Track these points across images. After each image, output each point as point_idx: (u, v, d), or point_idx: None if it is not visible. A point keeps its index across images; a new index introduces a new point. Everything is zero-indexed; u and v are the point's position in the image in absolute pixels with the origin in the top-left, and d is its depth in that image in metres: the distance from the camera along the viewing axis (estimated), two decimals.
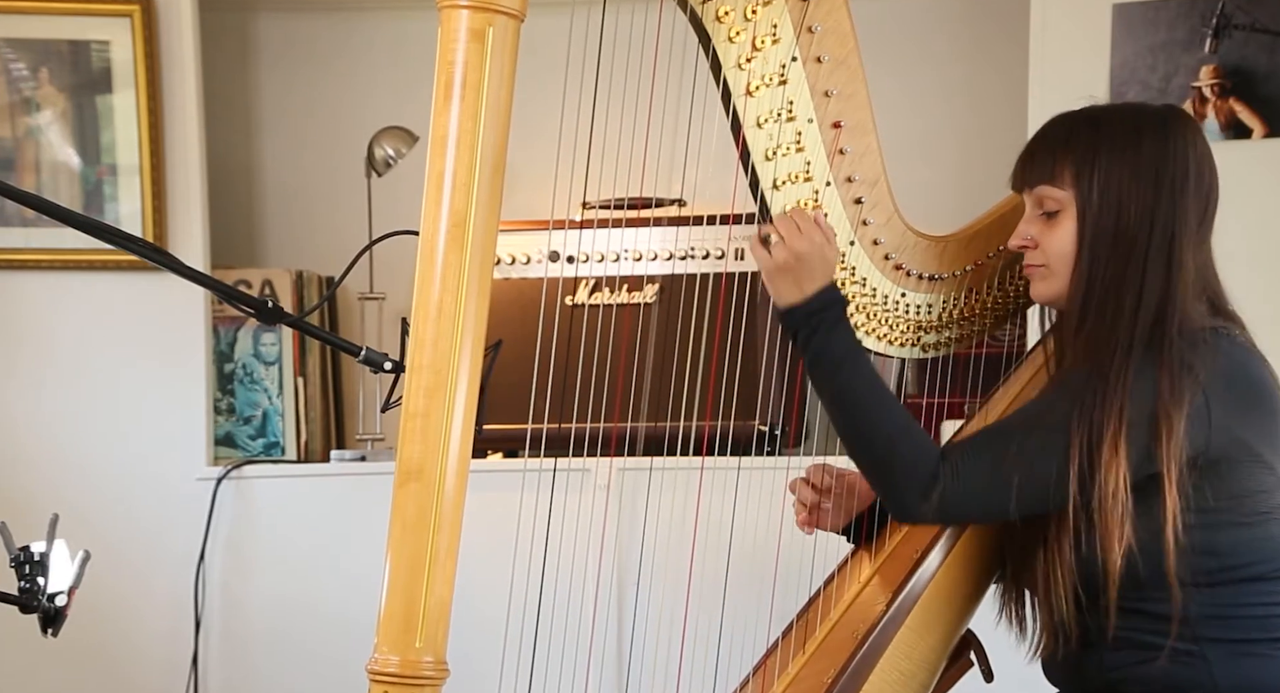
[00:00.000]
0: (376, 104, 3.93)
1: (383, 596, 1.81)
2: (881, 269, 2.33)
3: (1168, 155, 2.12)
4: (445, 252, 1.82)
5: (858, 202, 2.29)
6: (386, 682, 1.80)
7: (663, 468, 2.86)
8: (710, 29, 2.15)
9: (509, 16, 1.82)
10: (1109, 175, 2.12)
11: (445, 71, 1.82)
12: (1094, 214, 2.12)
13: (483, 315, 1.84)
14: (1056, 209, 2.16)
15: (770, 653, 2.32)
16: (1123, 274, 2.10)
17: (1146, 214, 2.11)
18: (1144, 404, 2.05)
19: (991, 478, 2.10)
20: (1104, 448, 2.04)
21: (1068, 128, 2.18)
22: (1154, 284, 2.10)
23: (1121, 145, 2.13)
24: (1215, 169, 2.17)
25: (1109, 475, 2.04)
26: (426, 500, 1.81)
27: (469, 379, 1.83)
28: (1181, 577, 2.08)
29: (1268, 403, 2.12)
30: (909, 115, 3.79)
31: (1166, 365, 2.05)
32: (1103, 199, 2.12)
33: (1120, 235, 2.11)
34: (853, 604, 2.30)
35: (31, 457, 3.65)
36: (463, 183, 1.82)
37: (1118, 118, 2.18)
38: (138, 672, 3.66)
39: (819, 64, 2.21)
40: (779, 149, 2.22)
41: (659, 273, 3.52)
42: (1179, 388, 2.04)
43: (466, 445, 1.84)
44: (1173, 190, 2.11)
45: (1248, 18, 3.40)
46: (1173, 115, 2.19)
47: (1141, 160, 2.12)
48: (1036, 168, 2.18)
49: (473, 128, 1.82)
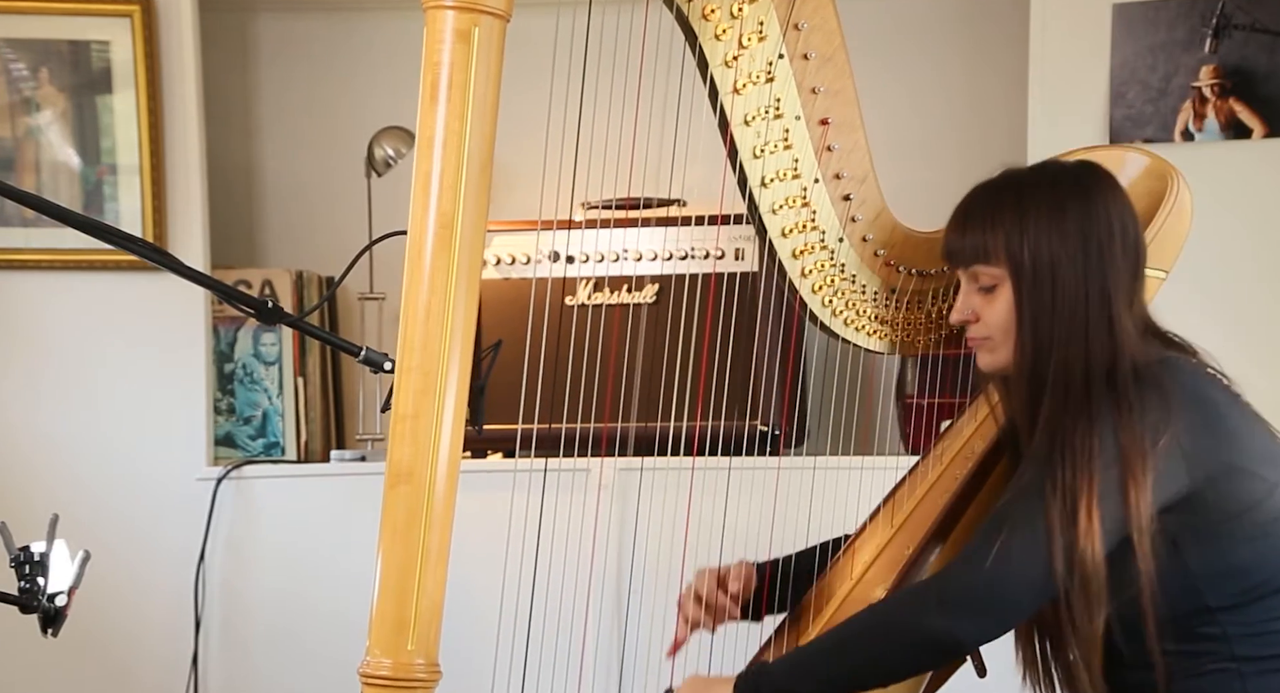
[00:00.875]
0: (376, 104, 3.92)
1: (374, 598, 1.81)
2: (871, 266, 2.33)
3: (1092, 217, 2.13)
4: (433, 253, 1.82)
5: (846, 198, 2.29)
6: (379, 685, 1.80)
7: (661, 468, 2.86)
8: (696, 27, 2.15)
9: (494, 17, 1.82)
10: (1039, 246, 2.12)
11: (431, 72, 1.82)
12: (1029, 286, 2.13)
13: (472, 317, 1.84)
14: (993, 284, 2.17)
15: (764, 651, 2.32)
16: (1066, 340, 2.11)
17: (1080, 279, 2.11)
18: (1110, 468, 2.04)
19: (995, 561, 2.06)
20: (1079, 523, 2.03)
21: (991, 203, 2.17)
22: (1099, 346, 2.10)
23: (1047, 214, 2.13)
24: (1137, 220, 2.18)
25: (1088, 551, 2.02)
26: (417, 503, 1.81)
27: (458, 381, 1.82)
28: (1210, 602, 2.09)
29: (1230, 416, 2.13)
30: (909, 115, 3.80)
31: (1129, 419, 2.05)
32: (1036, 271, 2.12)
33: (1058, 303, 2.12)
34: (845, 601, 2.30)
35: (31, 457, 3.65)
36: (450, 184, 1.82)
37: (1038, 185, 2.17)
38: (138, 671, 3.66)
39: (806, 61, 2.21)
40: (767, 146, 2.23)
41: (658, 273, 3.52)
42: (1139, 430, 2.04)
43: (457, 447, 1.83)
44: (1101, 251, 2.12)
45: (1248, 18, 3.40)
46: (1089, 174, 2.19)
47: (1067, 226, 2.12)
48: (968, 247, 2.18)
49: (459, 128, 1.81)
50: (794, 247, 2.30)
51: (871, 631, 2.12)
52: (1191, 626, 2.10)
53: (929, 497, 2.35)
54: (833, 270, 2.31)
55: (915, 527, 2.32)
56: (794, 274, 2.31)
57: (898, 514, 2.36)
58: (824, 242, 2.31)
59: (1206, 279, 3.46)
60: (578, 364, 2.85)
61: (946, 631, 2.06)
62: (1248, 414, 2.15)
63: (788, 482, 2.49)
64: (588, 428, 2.78)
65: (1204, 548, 2.08)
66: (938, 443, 2.43)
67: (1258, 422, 2.16)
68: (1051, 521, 2.03)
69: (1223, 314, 3.45)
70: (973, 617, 2.07)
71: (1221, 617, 2.10)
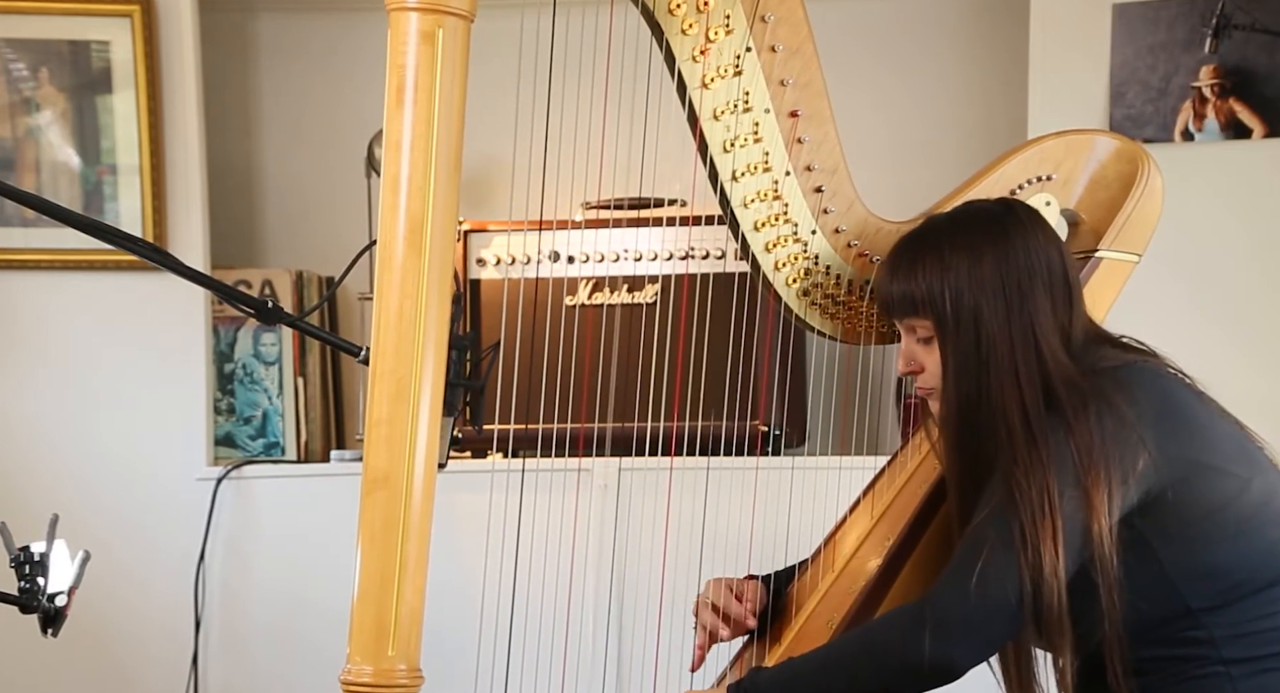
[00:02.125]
0: (376, 104, 3.86)
1: (353, 606, 1.80)
2: (845, 257, 2.33)
3: (1009, 259, 2.14)
4: (404, 256, 1.81)
5: (818, 190, 2.29)
6: (361, 692, 1.79)
7: (662, 468, 2.86)
8: (663, 21, 2.14)
9: (459, 17, 1.81)
10: (959, 296, 2.14)
11: (396, 75, 1.81)
12: (953, 336, 2.15)
13: (444, 319, 1.82)
14: (928, 336, 2.19)
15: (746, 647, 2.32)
16: (999, 387, 2.12)
17: (1004, 326, 2.13)
18: (1069, 494, 2.05)
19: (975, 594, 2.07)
20: (1044, 560, 2.03)
21: (913, 256, 2.19)
22: (1031, 384, 2.11)
23: (965, 262, 2.14)
24: (1062, 250, 2.19)
25: (1053, 585, 2.03)
26: (394, 509, 1.80)
27: (433, 385, 1.81)
28: (1191, 604, 2.09)
29: (1197, 415, 2.13)
30: (909, 115, 3.80)
31: (1076, 431, 2.06)
32: (959, 321, 2.14)
33: (982, 350, 2.13)
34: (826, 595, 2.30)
35: (31, 457, 3.65)
36: (418, 186, 1.80)
37: (955, 233, 2.18)
38: (138, 671, 3.66)
39: (773, 53, 2.21)
40: (737, 140, 2.23)
41: (659, 273, 3.52)
42: (1094, 448, 2.05)
43: (433, 452, 1.82)
44: (1021, 295, 2.13)
45: (1248, 18, 3.40)
46: (1006, 215, 2.19)
47: (984, 273, 2.14)
48: (896, 300, 2.20)
49: (426, 131, 1.80)
50: (767, 240, 2.30)
51: (867, 653, 2.13)
52: (1175, 630, 2.10)
53: (908, 487, 2.36)
54: (807, 262, 2.31)
55: (895, 517, 2.32)
56: (767, 267, 2.31)
57: (878, 504, 2.36)
58: (797, 234, 2.31)
59: (1207, 279, 3.47)
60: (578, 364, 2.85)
61: (942, 655, 2.07)
62: (1214, 412, 2.16)
63: (788, 482, 2.49)
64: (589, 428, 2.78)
65: (1178, 549, 2.08)
66: (916, 432, 2.44)
67: (1225, 418, 2.16)
68: (1019, 553, 2.04)
69: (1223, 314, 3.45)
70: (965, 638, 2.08)
71: (1205, 619, 2.09)
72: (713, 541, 2.51)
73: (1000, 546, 2.05)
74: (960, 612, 2.07)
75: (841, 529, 2.40)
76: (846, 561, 2.34)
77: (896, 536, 2.29)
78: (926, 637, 2.07)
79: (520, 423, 2.86)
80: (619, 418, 2.97)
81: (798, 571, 2.38)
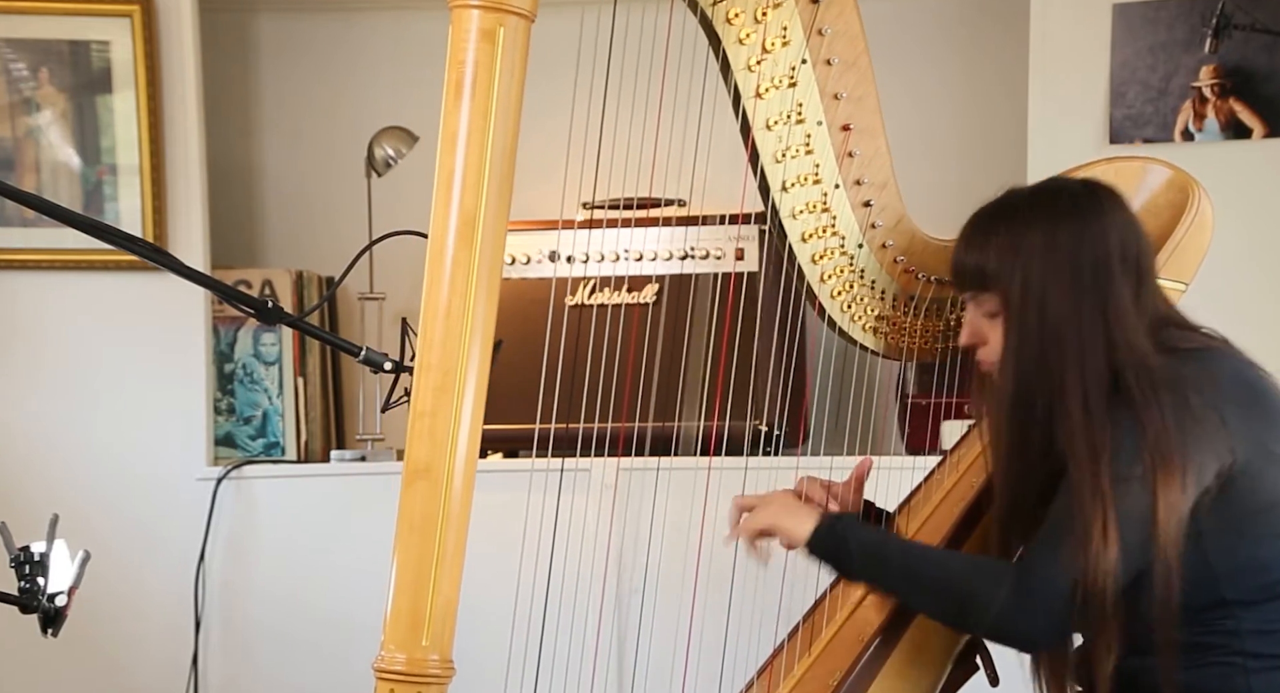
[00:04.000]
0: (376, 104, 3.92)
1: (389, 595, 1.81)
2: (890, 272, 2.33)
3: (1085, 242, 2.12)
4: (454, 251, 1.82)
5: (866, 204, 2.29)
6: (393, 680, 1.81)
7: (663, 468, 2.86)
8: (720, 31, 2.15)
9: (520, 17, 1.82)
10: (1029, 273, 2.12)
11: (456, 71, 1.82)
12: (1018, 314, 2.13)
13: (491, 315, 1.84)
14: (995, 311, 2.17)
15: (775, 655, 2.32)
16: (1060, 367, 2.10)
17: (1073, 308, 2.11)
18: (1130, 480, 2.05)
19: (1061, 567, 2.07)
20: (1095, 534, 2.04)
21: (986, 229, 2.18)
22: (1097, 369, 2.09)
23: (1040, 240, 2.13)
24: (1140, 233, 2.17)
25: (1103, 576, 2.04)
26: (434, 500, 1.81)
27: (477, 378, 1.83)
28: (1227, 596, 2.09)
29: (1270, 403, 2.13)
30: (909, 115, 3.79)
31: (1149, 421, 2.05)
32: (1025, 298, 2.12)
33: (1047, 331, 2.11)
34: (859, 606, 2.30)
35: (31, 457, 3.65)
36: (472, 182, 1.82)
37: (1034, 211, 2.16)
38: (138, 671, 3.66)
39: (829, 66, 2.21)
40: (788, 151, 2.23)
41: (659, 273, 3.52)
42: (1168, 435, 2.04)
43: (474, 445, 1.84)
44: (1095, 278, 2.11)
45: (1248, 18, 3.40)
46: (1088, 195, 2.17)
47: (1060, 253, 2.12)
48: (966, 273, 2.19)
49: (483, 127, 1.82)
50: (813, 251, 2.30)
51: (946, 577, 2.16)
52: (1206, 618, 2.10)
53: (944, 504, 2.35)
54: (852, 275, 2.31)
55: (932, 532, 2.32)
56: (813, 279, 2.32)
57: (913, 521, 2.36)
58: (844, 247, 2.31)
59: (1206, 279, 3.45)
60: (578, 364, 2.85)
61: (1028, 630, 2.11)
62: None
63: (788, 482, 2.48)
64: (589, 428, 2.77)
65: (1229, 541, 2.08)
66: (954, 450, 2.43)
67: None
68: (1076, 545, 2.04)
69: (1223, 314, 3.44)
70: (1050, 618, 2.09)
71: (1238, 611, 2.09)
72: (712, 541, 2.51)
73: (1060, 536, 2.06)
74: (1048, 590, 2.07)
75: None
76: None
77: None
78: (1027, 614, 2.09)
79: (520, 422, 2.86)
80: (619, 418, 2.96)
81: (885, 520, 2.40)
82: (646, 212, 3.39)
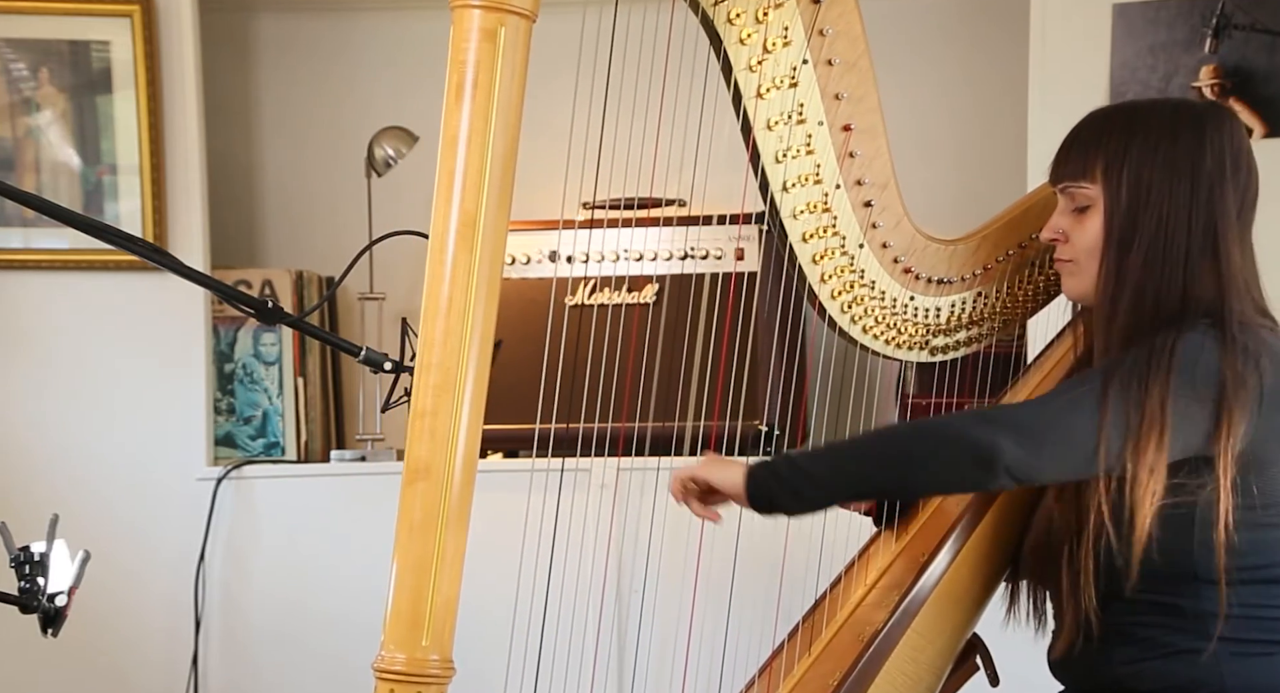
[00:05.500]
0: (376, 104, 3.92)
1: (390, 594, 1.81)
2: (891, 273, 2.33)
3: (1203, 151, 2.10)
4: (455, 251, 1.82)
5: (867, 205, 2.29)
6: (393, 680, 1.81)
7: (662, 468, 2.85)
8: (722, 31, 2.15)
9: (521, 17, 1.82)
10: (1139, 173, 2.10)
11: (457, 71, 1.82)
12: (1121, 212, 2.11)
13: (492, 315, 1.84)
14: (1086, 205, 2.15)
15: (776, 655, 2.32)
16: (1160, 275, 2.09)
17: (1183, 210, 2.09)
18: (1206, 382, 2.01)
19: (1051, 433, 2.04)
20: (1144, 425, 2.00)
21: (1102, 124, 2.17)
22: (1204, 279, 2.08)
23: (1155, 143, 2.11)
24: (1254, 166, 2.16)
25: (1144, 454, 2.00)
26: (434, 500, 1.81)
27: (477, 378, 1.83)
28: (1207, 575, 2.07)
29: None
30: (909, 115, 3.79)
31: (1232, 352, 2.02)
32: (1132, 197, 2.10)
33: (1153, 234, 2.09)
34: (859, 606, 2.30)
35: (31, 457, 3.65)
36: (473, 183, 1.82)
37: (1154, 115, 2.15)
38: (138, 672, 3.66)
39: (830, 67, 2.21)
40: (789, 151, 2.23)
41: (659, 273, 3.52)
42: (1243, 378, 2.01)
43: (474, 444, 1.84)
44: (1210, 184, 2.09)
45: (1248, 18, 3.40)
46: (1212, 112, 2.17)
47: (1175, 158, 2.10)
48: (1069, 164, 2.17)
49: (483, 127, 1.82)
50: (814, 251, 2.30)
51: (906, 431, 2.13)
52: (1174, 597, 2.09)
53: (944, 504, 2.35)
54: (853, 276, 2.31)
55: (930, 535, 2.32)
56: (814, 279, 2.32)
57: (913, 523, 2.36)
58: (844, 247, 2.31)
59: None
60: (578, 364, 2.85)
61: (990, 440, 2.01)
62: None
63: None
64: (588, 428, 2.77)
65: (1213, 522, 2.06)
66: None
67: None
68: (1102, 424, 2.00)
69: None
70: (1019, 438, 2.02)
71: (1204, 591, 2.08)
72: (712, 540, 2.51)
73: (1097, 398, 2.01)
74: (1030, 416, 2.04)
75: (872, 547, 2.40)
76: (880, 574, 2.34)
77: (929, 552, 2.29)
78: (981, 421, 2.05)
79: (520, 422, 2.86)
80: (619, 418, 2.96)
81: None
82: (647, 212, 3.39)
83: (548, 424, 2.61)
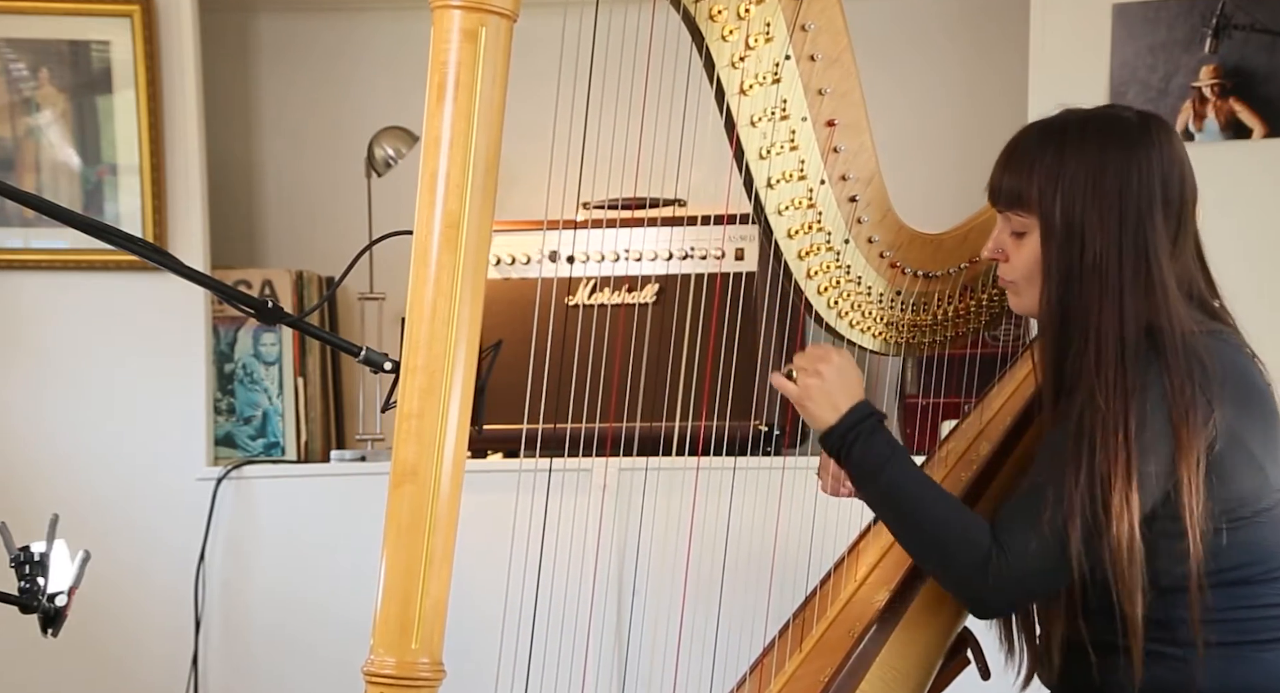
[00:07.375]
0: (376, 104, 3.93)
1: (378, 598, 1.81)
2: (877, 267, 2.33)
3: (1131, 173, 2.10)
4: (439, 253, 1.82)
5: (852, 200, 2.29)
6: (383, 683, 1.80)
7: (661, 468, 2.86)
8: (703, 28, 2.14)
9: (502, 16, 1.82)
10: (1070, 207, 2.11)
11: (438, 72, 1.82)
12: (1058, 243, 2.12)
13: (477, 316, 1.84)
14: (1022, 231, 2.16)
15: (767, 652, 2.32)
16: (1098, 305, 2.09)
17: (1113, 246, 2.09)
18: (1156, 424, 2.03)
19: (1038, 543, 2.06)
20: (1114, 492, 2.02)
21: (1032, 149, 2.16)
22: (1135, 312, 2.08)
23: (1085, 169, 2.11)
24: (1188, 172, 2.16)
25: (1120, 524, 2.02)
26: (422, 502, 1.81)
27: (463, 380, 1.82)
28: (1172, 582, 2.08)
29: (1265, 405, 2.13)
30: (909, 115, 3.80)
31: (1177, 375, 2.04)
32: (1066, 227, 2.11)
33: (1086, 263, 2.10)
34: (850, 602, 2.30)
35: (32, 457, 3.65)
36: (456, 184, 1.82)
37: (1085, 139, 2.14)
38: (138, 671, 3.66)
39: (812, 62, 2.21)
40: (773, 148, 2.22)
41: (658, 273, 3.52)
42: (1187, 397, 2.03)
43: (461, 446, 1.83)
44: (1138, 214, 2.10)
45: (1248, 18, 3.40)
46: (1140, 129, 2.15)
47: (1105, 189, 2.10)
48: (1004, 191, 2.18)
49: (466, 128, 1.81)
50: (800, 248, 2.30)
51: (946, 526, 2.13)
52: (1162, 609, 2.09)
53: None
54: (839, 272, 2.31)
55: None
56: (799, 275, 2.31)
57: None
58: (830, 243, 2.31)
59: None
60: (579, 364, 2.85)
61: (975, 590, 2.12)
62: (1274, 408, 2.14)
63: (788, 482, 2.49)
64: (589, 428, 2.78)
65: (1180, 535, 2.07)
66: (941, 445, 2.44)
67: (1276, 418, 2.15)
68: (1073, 505, 2.02)
69: None
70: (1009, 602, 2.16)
71: (1178, 599, 2.08)
72: (712, 540, 2.51)
73: (1051, 505, 2.04)
74: (1019, 563, 2.06)
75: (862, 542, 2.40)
76: (870, 569, 2.34)
77: None
78: (977, 567, 2.09)
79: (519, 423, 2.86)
80: (619, 418, 2.96)
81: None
82: (646, 212, 3.39)
83: (547, 424, 2.62)
